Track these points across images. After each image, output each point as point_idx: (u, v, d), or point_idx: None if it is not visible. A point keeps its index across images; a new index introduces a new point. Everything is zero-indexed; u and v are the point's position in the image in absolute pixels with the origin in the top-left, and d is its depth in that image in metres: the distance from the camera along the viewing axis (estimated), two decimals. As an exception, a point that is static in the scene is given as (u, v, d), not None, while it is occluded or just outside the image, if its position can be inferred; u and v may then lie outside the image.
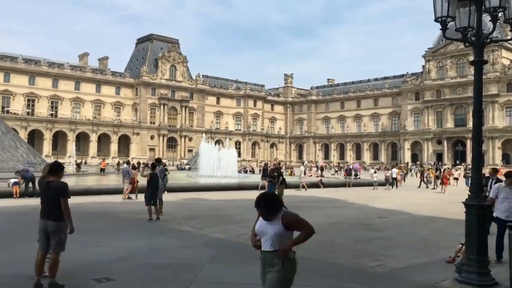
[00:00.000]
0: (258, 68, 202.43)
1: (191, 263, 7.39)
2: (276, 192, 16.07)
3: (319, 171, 43.90)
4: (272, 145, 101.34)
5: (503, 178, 8.02)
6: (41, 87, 73.64)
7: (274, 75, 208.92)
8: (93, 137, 76.96)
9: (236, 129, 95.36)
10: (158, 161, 14.74)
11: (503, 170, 10.74)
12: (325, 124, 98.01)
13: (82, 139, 76.26)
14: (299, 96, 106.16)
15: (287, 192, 18.50)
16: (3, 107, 68.97)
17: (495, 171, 10.68)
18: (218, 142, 74.70)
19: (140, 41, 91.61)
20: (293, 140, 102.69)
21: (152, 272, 6.83)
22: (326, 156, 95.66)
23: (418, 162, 72.30)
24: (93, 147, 76.58)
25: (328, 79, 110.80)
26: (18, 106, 70.77)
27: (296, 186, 25.32)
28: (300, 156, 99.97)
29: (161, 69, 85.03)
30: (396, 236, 10.51)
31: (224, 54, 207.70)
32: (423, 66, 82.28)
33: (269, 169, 18.85)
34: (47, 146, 71.21)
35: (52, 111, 74.42)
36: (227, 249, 8.65)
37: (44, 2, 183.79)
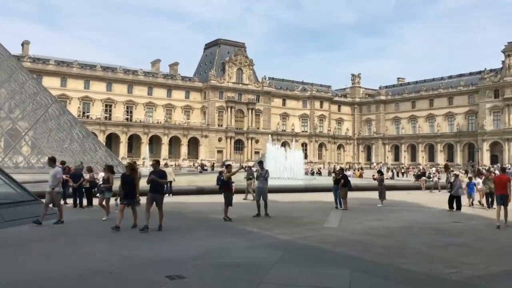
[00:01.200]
0: (324, 69, 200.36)
1: (258, 264, 7.47)
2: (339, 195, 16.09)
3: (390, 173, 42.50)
4: (339, 147, 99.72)
5: None
6: (118, 93, 78.07)
7: (341, 76, 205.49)
8: (165, 140, 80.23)
9: (303, 131, 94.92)
10: (261, 163, 15.60)
11: None
12: (395, 125, 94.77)
13: (154, 142, 79.76)
14: (367, 96, 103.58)
15: (356, 194, 18.13)
16: (83, 113, 73.90)
17: None
18: (284, 144, 74.86)
19: (208, 46, 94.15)
20: (361, 141, 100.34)
21: (221, 271, 6.98)
22: (396, 157, 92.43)
23: (498, 164, 67.67)
24: (164, 149, 79.81)
25: (398, 78, 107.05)
26: (97, 111, 75.53)
27: (365, 189, 24.69)
28: (368, 158, 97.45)
29: (228, 73, 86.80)
30: (473, 242, 9.91)
31: (290, 56, 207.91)
32: (503, 62, 76.98)
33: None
34: (123, 149, 75.27)
35: (128, 115, 78.60)
36: (294, 251, 8.64)
37: (123, 13, 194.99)
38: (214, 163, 70.92)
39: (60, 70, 73.53)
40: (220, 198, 13.02)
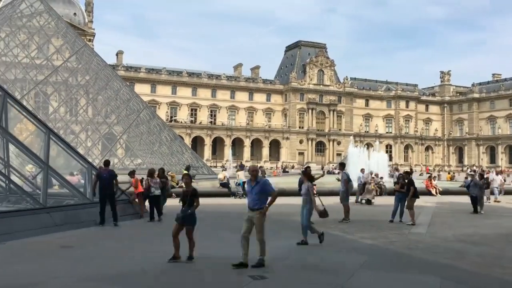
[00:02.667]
0: (410, 67, 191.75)
1: (341, 267, 7.30)
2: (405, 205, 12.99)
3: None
4: (427, 148, 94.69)
5: None
6: (202, 97, 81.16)
7: (428, 74, 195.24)
8: (247, 142, 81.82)
9: (387, 132, 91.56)
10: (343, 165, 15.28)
11: None
12: (490, 124, 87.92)
13: (237, 144, 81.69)
14: (457, 94, 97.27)
15: (447, 198, 17.06)
16: (171, 117, 77.76)
17: None
18: (367, 145, 72.70)
19: (289, 48, 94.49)
20: (451, 142, 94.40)
21: (303, 273, 6.93)
22: (492, 160, 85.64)
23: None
24: (246, 151, 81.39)
25: (494, 74, 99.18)
26: (183, 115, 79.12)
27: (456, 193, 23.15)
28: (460, 160, 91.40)
29: (309, 74, 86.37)
30: None
31: (374, 56, 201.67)
32: None
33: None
34: (207, 151, 78.02)
35: (211, 118, 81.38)
36: (378, 256, 8.33)
37: (208, 21, 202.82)
38: (294, 165, 70.89)
39: (150, 77, 78.12)
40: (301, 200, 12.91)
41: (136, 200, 12.87)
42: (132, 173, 13.44)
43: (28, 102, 30.27)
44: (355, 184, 17.90)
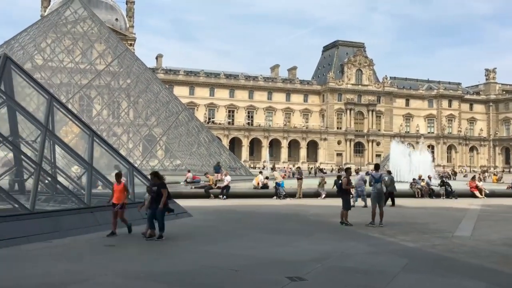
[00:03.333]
0: (453, 65, 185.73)
1: (381, 270, 7.17)
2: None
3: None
4: (471, 149, 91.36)
5: None
6: (239, 98, 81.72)
7: (472, 72, 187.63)
8: (284, 143, 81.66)
9: (429, 132, 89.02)
10: (377, 167, 13.21)
11: None
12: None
13: (274, 145, 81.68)
14: (504, 92, 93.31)
15: (494, 201, 16.41)
16: (209, 118, 78.72)
17: None
18: (408, 146, 70.94)
19: (326, 48, 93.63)
20: (497, 143, 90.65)
21: (342, 275, 6.85)
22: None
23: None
24: (284, 152, 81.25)
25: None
26: (221, 117, 79.95)
27: (503, 195, 22.24)
28: (507, 161, 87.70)
29: (347, 74, 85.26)
30: None
31: (415, 54, 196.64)
32: None
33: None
34: (245, 152, 78.45)
35: (249, 120, 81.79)
36: (420, 259, 8.11)
37: (246, 23, 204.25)
38: (333, 167, 70.15)
39: (189, 80, 79.40)
40: (339, 202, 12.77)
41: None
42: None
43: (73, 105, 31.49)
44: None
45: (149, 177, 12.13)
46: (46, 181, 11.13)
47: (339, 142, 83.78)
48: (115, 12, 75.08)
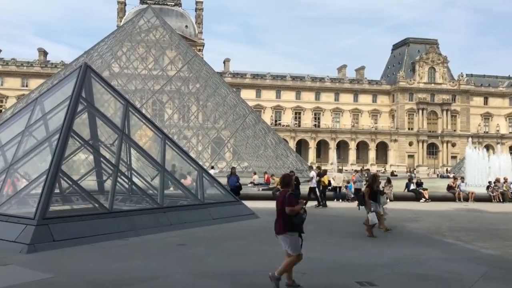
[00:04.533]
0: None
1: (457, 278, 6.78)
2: None
3: None
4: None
5: None
6: (306, 100, 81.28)
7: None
8: (352, 145, 79.99)
9: (510, 132, 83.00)
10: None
11: None
12: None
13: (342, 147, 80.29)
14: None
15: None
16: (275, 121, 79.10)
17: None
18: (487, 147, 66.78)
19: (396, 46, 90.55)
20: None
21: (414, 282, 6.58)
22: None
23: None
24: (352, 154, 79.59)
25: None
26: (287, 119, 79.99)
27: None
28: None
29: (419, 73, 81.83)
30: None
31: (495, 50, 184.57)
32: None
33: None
34: (311, 154, 77.86)
35: (315, 121, 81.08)
36: (502, 267, 7.58)
37: (314, 24, 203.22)
38: (409, 170, 67.50)
39: (255, 83, 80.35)
40: (410, 205, 12.29)
41: None
42: None
43: (146, 110, 33.06)
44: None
45: (217, 179, 12.43)
46: (123, 182, 11.75)
47: (410, 144, 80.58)
48: (185, 19, 77.89)
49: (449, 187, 21.84)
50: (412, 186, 21.57)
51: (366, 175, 21.84)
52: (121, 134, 10.99)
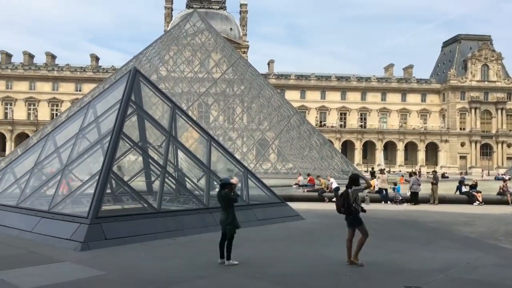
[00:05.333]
0: None
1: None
2: None
3: None
4: None
5: None
6: (351, 100, 79.92)
7: None
8: (400, 146, 77.86)
9: None
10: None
11: None
12: None
13: (389, 148, 78.34)
14: None
15: None
16: (320, 121, 78.36)
17: None
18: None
19: (446, 44, 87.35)
20: None
21: (468, 289, 6.31)
22: None
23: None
24: (400, 155, 77.48)
25: None
26: (332, 119, 79.01)
27: None
28: None
29: (471, 70, 78.48)
30: None
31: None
32: None
33: None
34: (357, 155, 76.48)
35: (361, 122, 79.60)
36: None
37: (360, 24, 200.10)
38: (462, 172, 64.86)
39: (300, 84, 79.95)
40: (462, 208, 11.81)
41: None
42: None
43: (192, 112, 33.72)
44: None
45: (262, 180, 12.47)
46: (170, 183, 12.02)
47: (462, 144, 77.44)
48: (230, 22, 78.81)
49: (501, 191, 20.62)
50: (465, 189, 20.69)
51: (432, 176, 20.82)
52: (168, 136, 11.27)
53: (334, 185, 19.96)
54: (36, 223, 9.35)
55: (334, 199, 19.13)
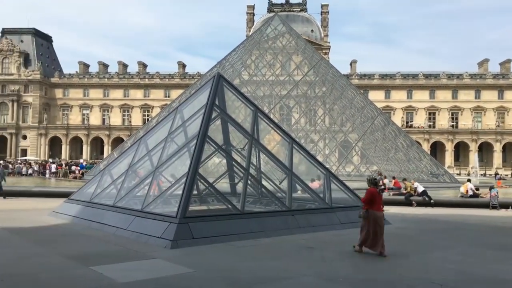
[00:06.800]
0: None
1: None
2: None
3: None
4: None
5: None
6: (441, 99, 75.50)
7: None
8: (497, 147, 71.97)
9: None
10: None
11: None
12: None
13: (484, 149, 72.79)
14: None
15: None
16: (407, 122, 74.96)
17: None
18: None
19: (550, 34, 79.36)
20: None
21: None
22: None
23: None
24: (497, 157, 71.61)
25: None
26: (420, 120, 75.21)
27: None
28: None
29: None
30: None
31: None
32: None
33: None
34: (448, 157, 72.04)
35: (453, 122, 74.86)
36: None
37: (451, 19, 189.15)
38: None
39: (384, 83, 77.18)
40: None
41: None
42: None
43: (274, 115, 34.03)
44: None
45: (345, 182, 12.26)
46: (253, 185, 12.26)
47: None
48: (311, 24, 78.44)
49: None
50: None
51: None
52: (251, 139, 11.50)
53: (420, 189, 19.16)
54: (131, 222, 10.04)
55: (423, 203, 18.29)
